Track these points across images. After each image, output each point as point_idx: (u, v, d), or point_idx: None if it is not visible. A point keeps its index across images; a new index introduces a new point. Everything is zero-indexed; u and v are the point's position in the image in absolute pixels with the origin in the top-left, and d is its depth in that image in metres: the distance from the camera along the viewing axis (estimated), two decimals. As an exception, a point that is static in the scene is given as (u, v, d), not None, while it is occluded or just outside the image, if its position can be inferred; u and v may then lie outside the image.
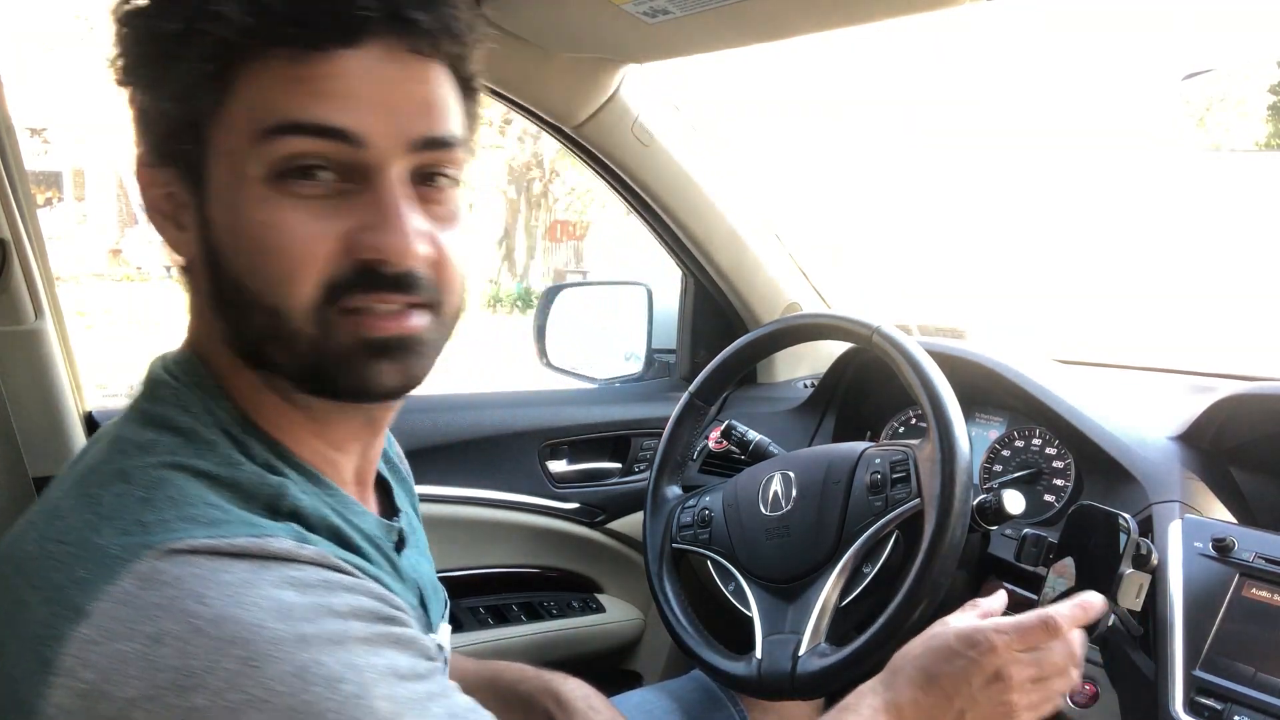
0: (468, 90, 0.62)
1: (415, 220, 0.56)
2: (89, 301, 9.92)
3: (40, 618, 0.49)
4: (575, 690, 0.93)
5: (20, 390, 1.07)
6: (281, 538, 0.52)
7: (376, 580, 0.57)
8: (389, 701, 0.50)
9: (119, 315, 9.73)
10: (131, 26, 0.56)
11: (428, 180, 0.58)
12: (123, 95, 0.59)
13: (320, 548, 0.54)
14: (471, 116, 0.63)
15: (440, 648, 0.72)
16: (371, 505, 0.70)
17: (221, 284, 0.57)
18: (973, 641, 0.74)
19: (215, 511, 0.52)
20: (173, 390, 0.59)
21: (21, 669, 0.48)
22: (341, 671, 0.49)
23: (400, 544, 0.69)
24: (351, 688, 0.49)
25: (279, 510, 0.55)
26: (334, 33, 0.54)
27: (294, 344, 0.56)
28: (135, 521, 0.51)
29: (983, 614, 0.81)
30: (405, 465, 0.86)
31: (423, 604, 0.70)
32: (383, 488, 0.75)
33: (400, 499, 0.76)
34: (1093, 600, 0.79)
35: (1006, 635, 0.73)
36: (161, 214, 0.59)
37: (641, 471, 1.57)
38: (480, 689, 0.93)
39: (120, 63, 0.57)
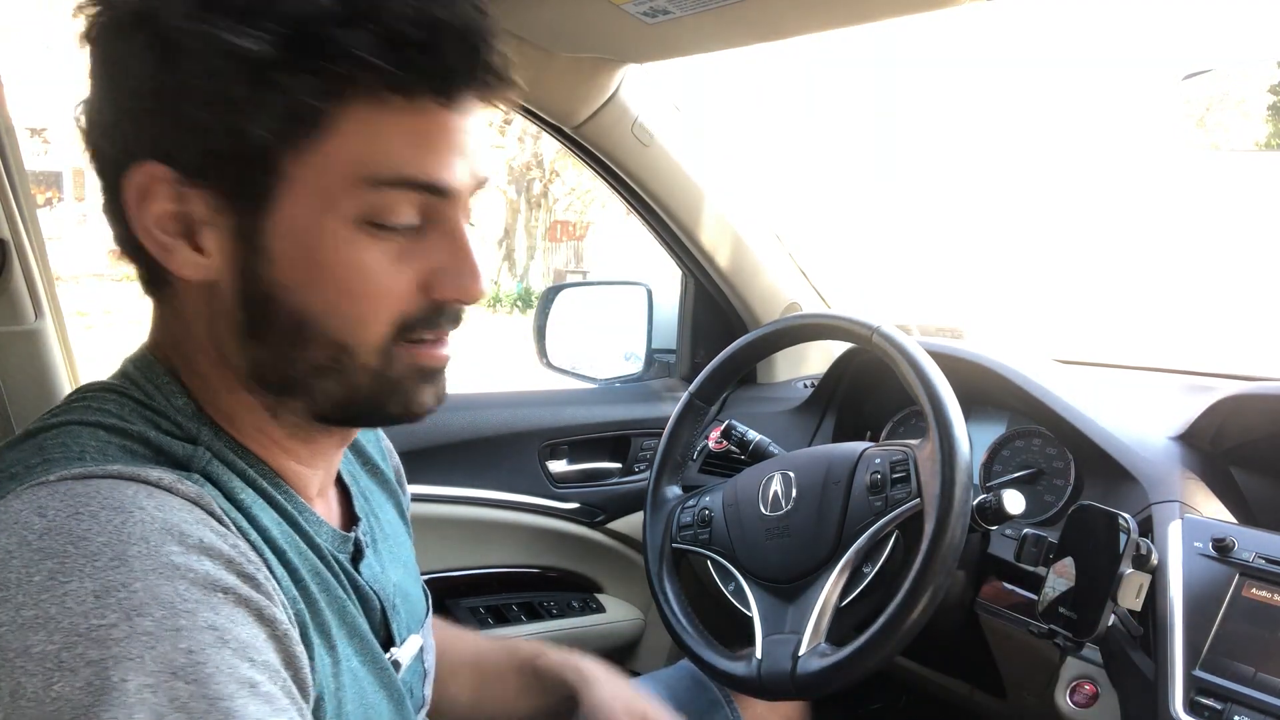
0: None
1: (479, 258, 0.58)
2: (89, 301, 9.91)
3: None
4: (595, 665, 0.94)
5: (20, 390, 1.07)
6: (161, 470, 0.50)
7: (255, 549, 0.52)
8: (187, 656, 0.43)
9: (119, 315, 9.73)
10: (205, 38, 0.50)
11: None
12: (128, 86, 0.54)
13: (205, 491, 0.51)
14: None
15: (397, 665, 0.67)
16: (333, 515, 0.68)
17: (269, 313, 0.55)
18: None
19: (107, 458, 0.50)
20: (119, 386, 0.58)
21: None
22: (148, 604, 0.43)
23: (358, 555, 0.66)
24: (148, 623, 0.42)
25: (189, 468, 0.54)
26: (466, 89, 0.54)
27: (353, 376, 0.57)
28: (23, 466, 0.50)
29: None
30: (391, 464, 0.84)
31: (383, 615, 0.67)
32: (343, 494, 0.72)
33: (364, 505, 0.73)
34: None
35: None
36: (163, 230, 0.54)
37: (641, 471, 1.58)
38: (500, 661, 0.95)
39: (167, 65, 0.51)
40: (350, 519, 0.71)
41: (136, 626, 0.42)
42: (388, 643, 0.68)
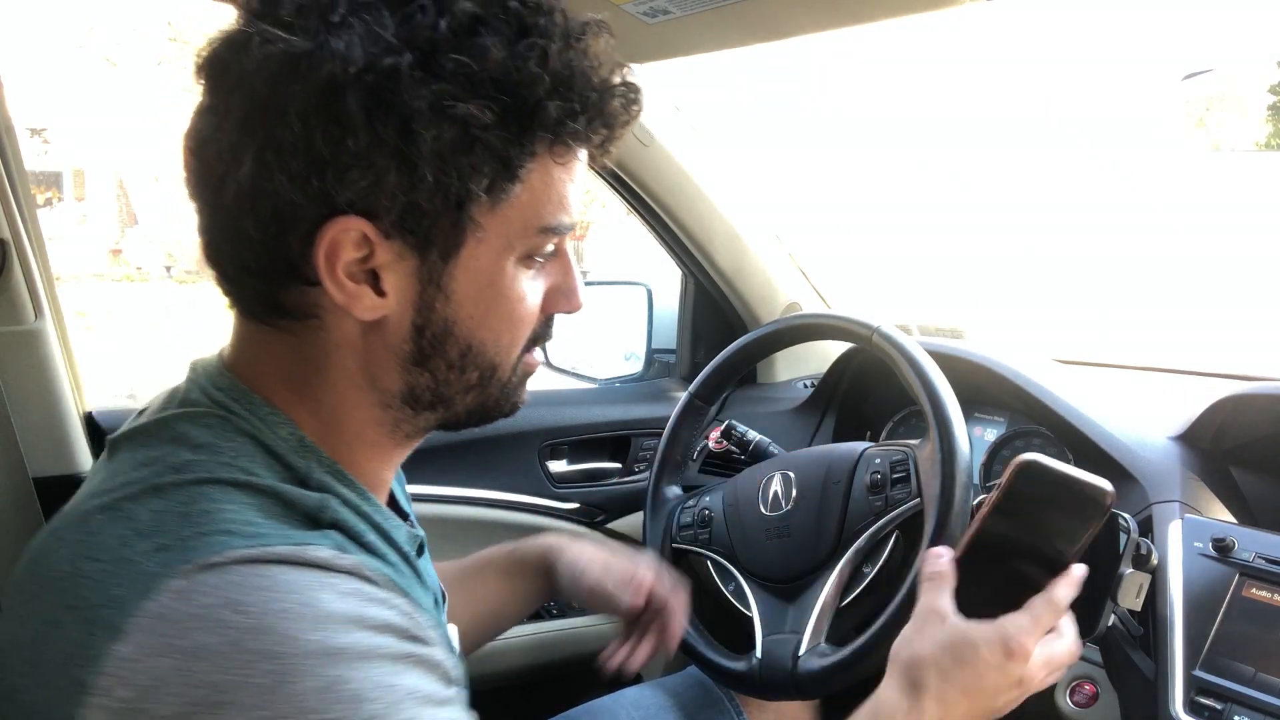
0: None
1: None
2: (89, 301, 9.92)
3: (75, 637, 0.48)
4: (565, 537, 1.02)
5: (20, 390, 1.07)
6: (320, 546, 0.53)
7: (407, 596, 0.57)
8: None
9: (119, 315, 9.73)
10: (431, 104, 0.52)
11: None
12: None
13: (358, 559, 0.54)
14: None
15: (453, 650, 0.73)
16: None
17: (441, 345, 0.60)
18: (1008, 652, 0.68)
19: (252, 525, 0.52)
20: (219, 413, 0.59)
21: (55, 689, 0.48)
22: (367, 690, 0.48)
23: (420, 549, 0.70)
24: (376, 707, 0.48)
25: (319, 521, 0.56)
26: (617, 140, 0.61)
27: (490, 389, 0.64)
28: (174, 537, 0.50)
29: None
30: None
31: (436, 606, 0.71)
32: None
33: (404, 501, 0.77)
34: (1071, 576, 0.71)
35: (1033, 637, 0.68)
36: (350, 277, 0.56)
37: (641, 471, 1.57)
38: (477, 566, 1.00)
39: (388, 127, 0.52)
40: (400, 515, 0.73)
41: (362, 711, 0.48)
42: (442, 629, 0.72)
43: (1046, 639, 0.70)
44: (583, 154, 0.61)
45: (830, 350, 1.55)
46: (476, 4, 0.54)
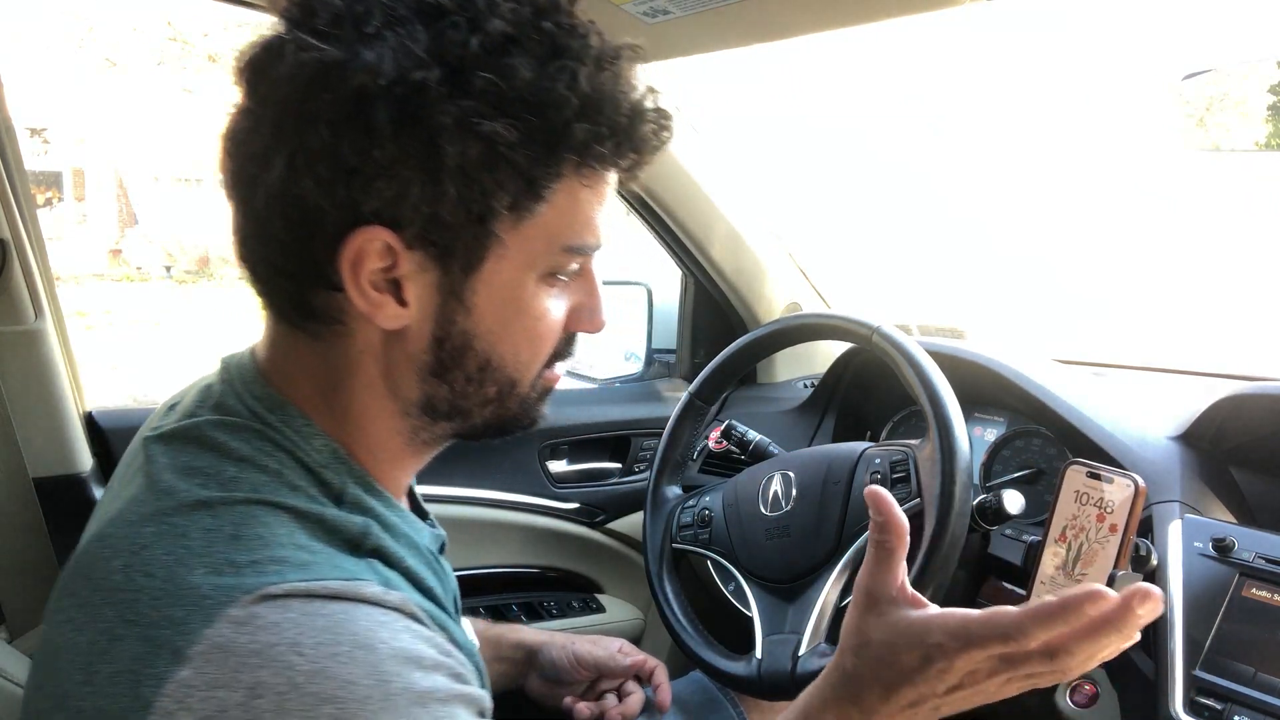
0: None
1: None
2: (89, 301, 9.92)
3: (136, 653, 0.49)
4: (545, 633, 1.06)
5: (20, 390, 1.07)
6: (370, 581, 0.54)
7: (444, 629, 0.58)
8: None
9: (119, 315, 9.73)
10: (459, 120, 0.53)
11: None
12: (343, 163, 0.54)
13: (403, 594, 0.55)
14: None
15: (473, 650, 0.72)
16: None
17: (461, 358, 0.61)
18: (928, 658, 0.58)
19: (304, 553, 0.53)
20: (257, 425, 0.59)
21: (116, 700, 0.49)
22: None
23: (442, 548, 0.72)
24: None
25: (361, 547, 0.57)
26: (645, 163, 0.62)
27: (508, 402, 0.65)
28: (226, 561, 0.51)
29: (911, 598, 0.63)
30: None
31: (455, 604, 0.73)
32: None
33: (420, 501, 0.77)
34: (1092, 598, 0.53)
35: (955, 643, 0.57)
36: (373, 285, 0.57)
37: (641, 471, 1.57)
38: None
39: (416, 140, 0.53)
40: (421, 515, 0.75)
41: None
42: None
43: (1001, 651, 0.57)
44: (612, 177, 0.61)
45: (830, 350, 1.55)
46: (510, 23, 0.55)
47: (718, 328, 1.63)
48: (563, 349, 0.66)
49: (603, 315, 0.67)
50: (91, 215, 13.47)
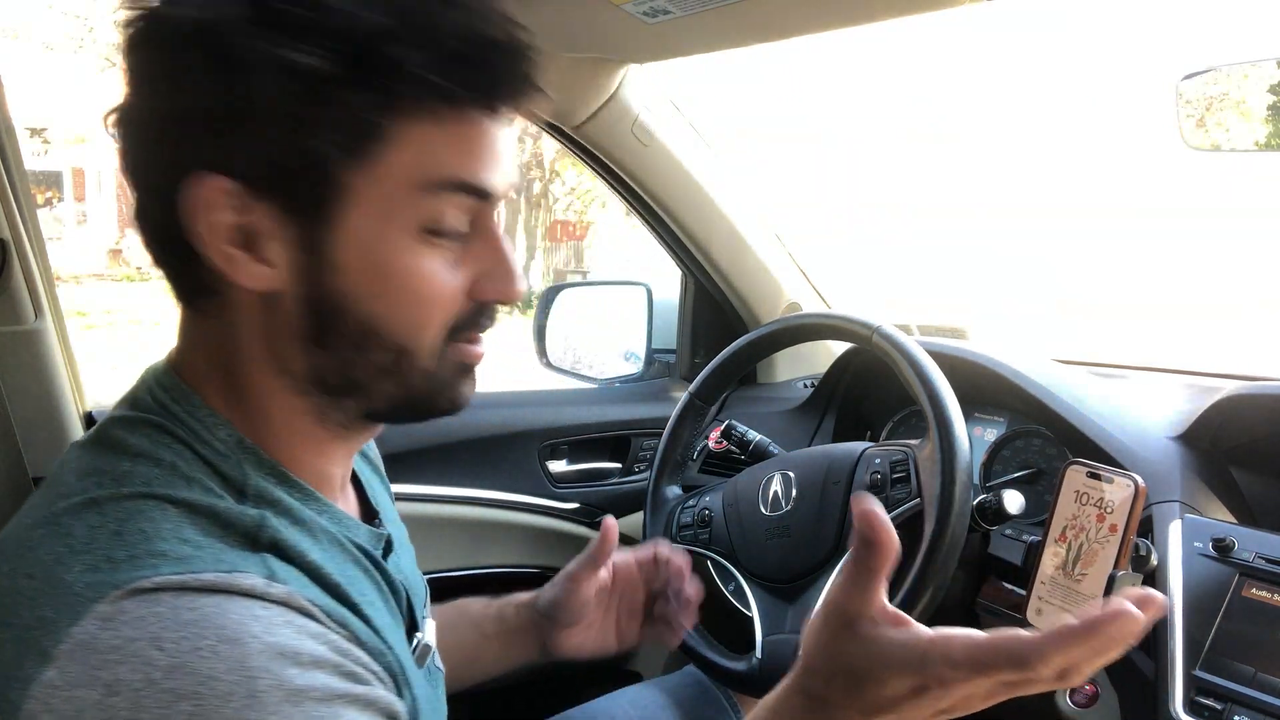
0: None
1: None
2: (89, 301, 9.92)
3: (7, 656, 0.48)
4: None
5: (20, 390, 1.07)
6: (251, 574, 0.51)
7: (345, 627, 0.55)
8: None
9: (119, 315, 9.73)
10: (266, 54, 0.51)
11: None
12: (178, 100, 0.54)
13: (291, 588, 0.52)
14: None
15: (428, 647, 0.71)
16: (353, 511, 0.69)
17: (336, 321, 0.57)
18: (923, 686, 0.52)
19: (187, 547, 0.51)
20: (157, 419, 0.58)
21: None
22: None
23: (388, 548, 0.68)
24: None
25: (258, 541, 0.54)
26: (509, 100, 0.57)
27: (410, 377, 0.60)
28: (104, 557, 0.49)
29: (893, 618, 0.55)
30: (376, 455, 0.85)
31: (409, 603, 0.69)
32: (357, 486, 0.73)
33: (374, 498, 0.75)
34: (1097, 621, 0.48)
35: (959, 673, 0.51)
36: (227, 242, 0.55)
37: (641, 471, 1.57)
38: (475, 612, 0.95)
39: (228, 80, 0.52)
40: (369, 513, 0.73)
41: None
42: (411, 629, 0.70)
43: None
44: (483, 117, 0.56)
45: (830, 350, 1.55)
46: None
47: (718, 328, 1.63)
48: (471, 319, 0.61)
49: (513, 282, 0.61)
50: (91, 215, 13.47)
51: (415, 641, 0.69)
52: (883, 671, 0.52)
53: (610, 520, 0.91)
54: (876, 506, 0.55)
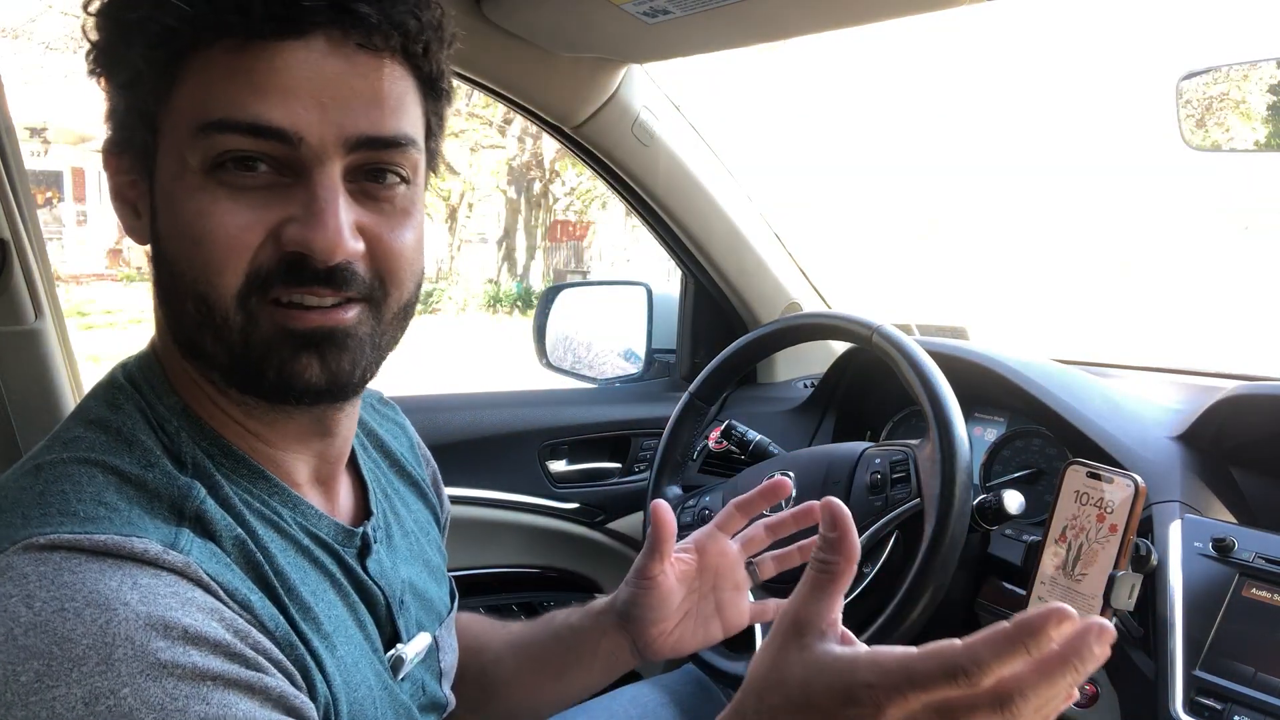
0: (432, 90, 0.61)
1: (346, 215, 0.55)
2: (89, 301, 9.92)
3: None
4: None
5: (20, 390, 1.07)
6: (148, 540, 0.50)
7: (247, 608, 0.53)
8: None
9: (119, 315, 9.73)
10: (98, 14, 0.56)
11: (376, 177, 0.58)
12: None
13: (191, 558, 0.51)
14: (436, 116, 0.62)
15: (401, 659, 0.68)
16: (338, 508, 0.68)
17: (160, 271, 0.58)
18: (852, 699, 0.46)
19: (101, 509, 0.50)
20: (119, 387, 0.60)
21: None
22: (137, 709, 0.44)
23: (365, 550, 0.66)
24: None
25: (183, 512, 0.53)
26: (276, 24, 0.53)
27: (223, 332, 0.56)
28: (21, 515, 0.50)
29: (842, 635, 0.51)
30: (429, 471, 0.85)
31: (389, 610, 0.67)
32: (360, 490, 0.72)
33: (381, 502, 0.73)
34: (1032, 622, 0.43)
35: (890, 680, 0.45)
36: (124, 200, 0.60)
37: (641, 471, 1.57)
38: (538, 630, 0.90)
39: (90, 51, 0.58)
40: (364, 514, 0.71)
41: None
42: (393, 639, 0.68)
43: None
44: (256, 46, 0.53)
45: (830, 350, 1.55)
46: None
47: (718, 328, 1.63)
48: (278, 270, 0.55)
49: (318, 230, 0.55)
50: (91, 215, 13.47)
51: (392, 653, 0.67)
52: (812, 684, 0.48)
53: (660, 504, 0.82)
54: (840, 505, 0.52)
